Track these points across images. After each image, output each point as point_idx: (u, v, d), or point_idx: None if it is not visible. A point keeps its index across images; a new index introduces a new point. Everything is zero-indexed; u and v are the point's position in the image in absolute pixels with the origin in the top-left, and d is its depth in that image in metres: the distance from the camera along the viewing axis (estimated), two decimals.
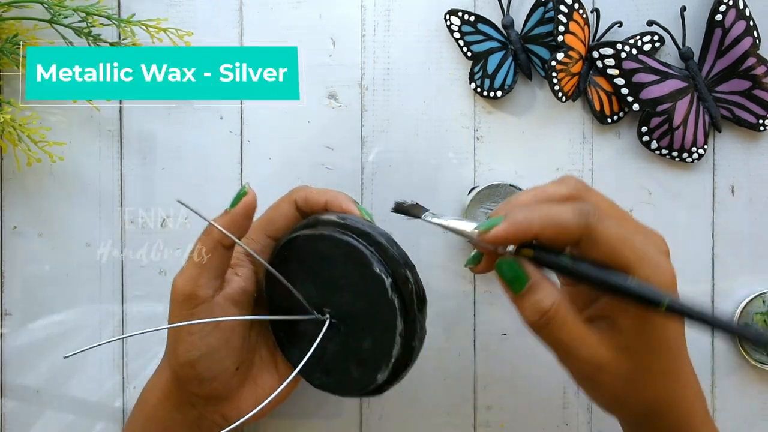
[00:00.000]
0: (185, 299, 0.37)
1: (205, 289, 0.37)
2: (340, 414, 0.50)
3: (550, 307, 0.31)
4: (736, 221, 0.50)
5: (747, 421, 0.50)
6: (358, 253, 0.37)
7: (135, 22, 0.47)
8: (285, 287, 0.38)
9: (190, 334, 0.37)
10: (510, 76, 0.49)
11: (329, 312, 0.39)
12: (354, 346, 0.38)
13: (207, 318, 0.37)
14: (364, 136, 0.50)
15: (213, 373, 0.38)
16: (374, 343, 0.37)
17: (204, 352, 0.37)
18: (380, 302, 0.36)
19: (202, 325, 0.37)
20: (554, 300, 0.32)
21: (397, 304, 0.36)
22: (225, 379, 0.39)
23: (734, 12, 0.48)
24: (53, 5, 0.47)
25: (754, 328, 0.31)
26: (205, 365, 0.37)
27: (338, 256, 0.37)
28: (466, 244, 0.50)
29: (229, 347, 0.38)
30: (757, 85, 0.48)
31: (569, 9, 0.47)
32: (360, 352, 0.38)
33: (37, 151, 0.48)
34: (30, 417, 0.50)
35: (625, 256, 0.31)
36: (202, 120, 0.50)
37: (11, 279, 0.50)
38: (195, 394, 0.39)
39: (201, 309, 0.37)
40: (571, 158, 0.50)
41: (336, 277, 0.38)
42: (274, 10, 0.50)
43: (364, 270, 0.37)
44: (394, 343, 0.37)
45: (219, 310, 0.37)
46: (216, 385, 0.38)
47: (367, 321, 0.38)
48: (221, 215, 0.37)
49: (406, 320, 0.37)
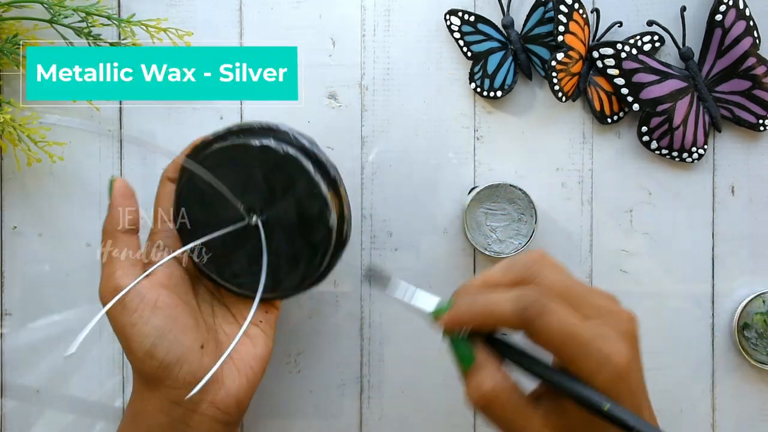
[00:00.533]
0: (112, 295, 0.37)
1: (125, 278, 0.38)
2: (340, 414, 0.50)
3: (490, 391, 0.32)
4: (736, 221, 0.50)
5: (747, 421, 0.50)
6: (272, 151, 0.39)
7: (135, 22, 0.47)
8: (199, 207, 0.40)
9: (133, 325, 0.37)
10: (510, 76, 0.49)
11: (258, 216, 0.40)
12: (290, 242, 0.40)
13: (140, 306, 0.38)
14: (364, 136, 0.50)
15: (174, 355, 0.37)
16: (306, 240, 0.40)
17: (155, 336, 0.37)
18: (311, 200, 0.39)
19: (139, 312, 0.37)
20: (495, 384, 0.32)
21: (328, 199, 0.39)
22: (194, 360, 0.38)
23: (734, 12, 0.48)
24: (53, 5, 0.47)
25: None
26: (163, 349, 0.37)
27: (251, 159, 0.39)
28: (466, 247, 0.50)
29: (180, 325, 0.38)
30: (757, 85, 0.48)
31: (569, 9, 0.47)
32: (296, 247, 0.40)
33: (37, 151, 0.48)
34: (30, 417, 0.50)
35: (566, 351, 0.31)
36: (202, 120, 0.50)
37: (11, 279, 0.50)
38: (171, 387, 0.38)
39: (130, 298, 0.38)
40: (571, 158, 0.50)
41: (254, 182, 0.40)
42: (274, 10, 0.50)
43: (283, 164, 0.39)
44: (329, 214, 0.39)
45: (148, 293, 0.38)
46: (187, 368, 0.38)
47: (295, 214, 0.40)
48: (108, 213, 0.40)
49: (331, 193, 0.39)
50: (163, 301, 0.38)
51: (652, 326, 0.50)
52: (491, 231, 0.48)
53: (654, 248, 0.50)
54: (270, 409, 0.50)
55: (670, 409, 0.50)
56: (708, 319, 0.50)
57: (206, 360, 0.39)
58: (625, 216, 0.50)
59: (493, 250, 0.47)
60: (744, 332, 0.48)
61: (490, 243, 0.48)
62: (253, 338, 0.42)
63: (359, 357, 0.50)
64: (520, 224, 0.48)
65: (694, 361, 0.50)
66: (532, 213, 0.47)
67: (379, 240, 0.50)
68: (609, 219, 0.50)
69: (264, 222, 0.40)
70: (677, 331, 0.50)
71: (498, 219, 0.48)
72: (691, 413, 0.50)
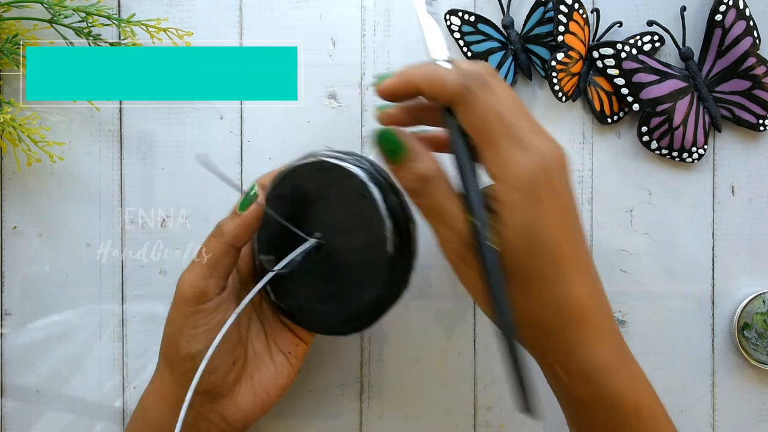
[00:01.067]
0: (195, 296, 0.37)
1: (214, 288, 0.38)
2: (340, 414, 0.50)
3: (426, 172, 0.32)
4: (736, 221, 0.50)
5: (747, 421, 0.50)
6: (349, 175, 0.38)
7: (135, 22, 0.47)
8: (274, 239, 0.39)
9: (194, 327, 0.37)
10: (510, 76, 0.49)
11: (318, 238, 0.39)
12: (345, 271, 0.39)
13: (211, 316, 0.37)
14: (364, 136, 0.50)
15: (211, 365, 0.38)
16: (365, 265, 0.39)
17: (205, 345, 0.37)
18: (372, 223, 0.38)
19: (207, 320, 0.37)
20: (431, 167, 0.32)
21: (387, 222, 0.38)
22: (222, 373, 0.39)
23: (734, 12, 0.48)
24: (53, 5, 0.47)
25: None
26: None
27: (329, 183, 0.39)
28: None
29: (229, 341, 0.39)
30: (757, 85, 0.48)
31: (569, 9, 0.47)
32: (351, 277, 0.39)
33: (37, 151, 0.48)
34: (30, 417, 0.50)
35: (492, 128, 0.30)
36: (202, 120, 0.50)
37: (11, 279, 0.50)
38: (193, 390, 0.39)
39: (208, 306, 0.37)
40: (571, 158, 0.50)
41: (327, 206, 0.39)
42: (274, 10, 0.50)
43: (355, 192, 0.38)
44: (384, 262, 0.38)
45: (223, 306, 0.38)
46: (214, 378, 0.38)
47: (358, 253, 0.39)
48: (231, 217, 0.38)
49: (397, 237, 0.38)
50: (224, 320, 0.38)
51: (652, 326, 0.50)
52: None
53: (654, 248, 0.50)
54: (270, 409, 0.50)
55: (670, 409, 0.50)
56: (708, 319, 0.50)
57: (232, 376, 0.39)
58: (625, 216, 0.50)
59: None
60: (744, 332, 0.49)
61: None
62: (279, 367, 0.42)
63: (359, 357, 0.50)
64: None
65: (694, 361, 0.50)
66: None
67: None
68: (609, 219, 0.50)
69: (321, 245, 0.39)
70: (677, 331, 0.50)
71: None
72: (691, 413, 0.50)
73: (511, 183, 0.30)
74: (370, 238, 0.38)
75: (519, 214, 0.30)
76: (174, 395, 0.39)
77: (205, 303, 0.37)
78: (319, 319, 0.41)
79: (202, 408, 0.40)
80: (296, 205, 0.40)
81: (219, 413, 0.40)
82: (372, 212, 0.38)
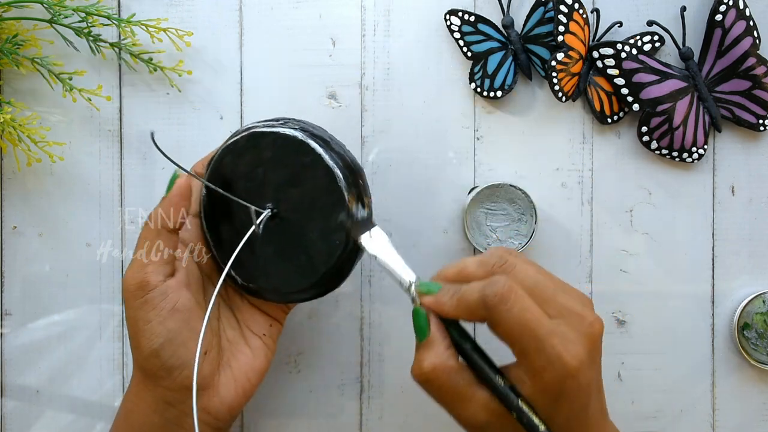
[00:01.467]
0: (137, 287, 0.37)
1: (155, 276, 0.37)
2: (340, 414, 0.50)
3: (429, 371, 0.33)
4: (736, 221, 0.50)
5: (747, 421, 0.50)
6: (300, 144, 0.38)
7: (135, 22, 0.47)
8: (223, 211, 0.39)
9: (147, 322, 0.37)
10: (510, 76, 0.49)
11: (270, 206, 0.39)
12: (293, 247, 0.39)
13: (160, 306, 0.37)
14: (364, 136, 0.50)
15: (179, 359, 0.37)
16: (321, 233, 0.38)
17: (165, 338, 0.37)
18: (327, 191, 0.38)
19: (158, 310, 0.37)
20: (436, 364, 0.34)
21: (344, 190, 0.38)
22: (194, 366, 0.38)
23: (734, 12, 0.48)
24: (53, 5, 0.47)
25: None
26: (170, 351, 0.37)
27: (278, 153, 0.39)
28: (466, 247, 0.50)
29: (191, 330, 0.38)
30: (757, 85, 0.48)
31: (569, 9, 0.47)
32: (305, 245, 0.39)
33: (37, 151, 0.48)
34: (30, 417, 0.50)
35: (521, 343, 0.32)
36: (202, 120, 0.50)
37: (11, 279, 0.50)
38: (168, 388, 0.38)
39: (153, 295, 0.37)
40: (571, 158, 0.50)
41: (273, 175, 0.39)
42: (274, 10, 0.50)
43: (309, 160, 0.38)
44: (343, 229, 0.38)
45: (172, 293, 0.38)
46: (187, 373, 0.38)
47: (313, 227, 0.38)
48: (160, 202, 0.38)
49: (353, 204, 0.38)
50: (182, 304, 0.38)
51: (652, 326, 0.50)
52: (491, 231, 0.48)
53: (654, 248, 0.50)
54: (270, 409, 0.50)
55: (670, 409, 0.50)
56: (708, 319, 0.50)
57: (207, 367, 0.39)
58: (625, 216, 0.50)
59: None
60: (744, 332, 0.49)
61: (490, 243, 0.48)
62: (255, 350, 0.41)
63: (359, 357, 0.50)
64: (520, 224, 0.48)
65: (694, 361, 0.50)
66: (532, 213, 0.47)
67: None
68: (609, 219, 0.50)
69: (275, 215, 0.39)
70: (677, 331, 0.50)
71: (498, 219, 0.48)
72: (691, 413, 0.50)
73: (539, 389, 0.32)
74: (322, 195, 0.38)
75: (575, 401, 0.33)
76: (150, 398, 0.39)
77: (150, 292, 0.37)
78: (285, 288, 0.40)
79: (184, 405, 0.39)
80: (239, 181, 0.39)
81: (202, 407, 0.39)
82: (319, 167, 0.38)
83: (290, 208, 0.39)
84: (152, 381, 0.38)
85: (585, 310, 0.33)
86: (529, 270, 0.34)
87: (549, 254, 0.50)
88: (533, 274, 0.34)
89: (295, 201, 0.39)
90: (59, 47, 0.48)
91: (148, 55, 0.48)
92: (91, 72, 0.49)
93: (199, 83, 0.50)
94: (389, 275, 0.37)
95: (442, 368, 0.33)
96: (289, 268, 0.39)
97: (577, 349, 0.32)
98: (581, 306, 0.33)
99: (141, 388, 0.39)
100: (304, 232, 0.39)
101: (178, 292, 0.38)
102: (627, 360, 0.50)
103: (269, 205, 0.39)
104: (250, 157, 0.39)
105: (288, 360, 0.50)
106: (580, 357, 0.32)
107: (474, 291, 0.33)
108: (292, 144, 0.39)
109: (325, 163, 0.38)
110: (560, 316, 0.33)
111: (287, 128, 0.39)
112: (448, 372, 0.33)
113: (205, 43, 0.50)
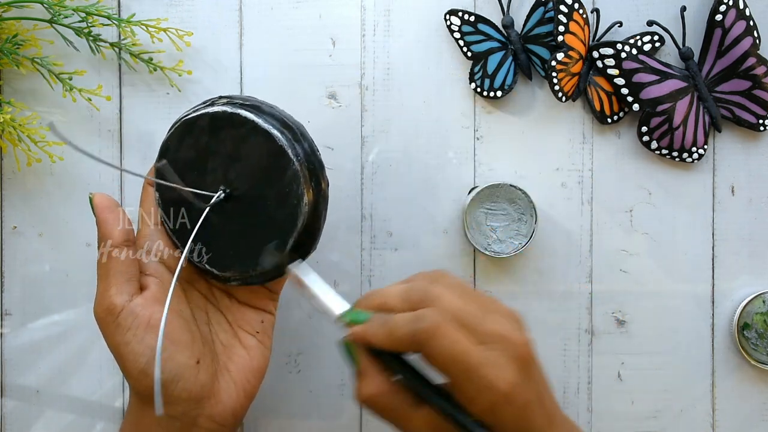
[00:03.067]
0: (106, 313, 0.37)
1: (119, 297, 0.37)
2: (340, 414, 0.50)
3: (369, 397, 0.35)
4: (736, 221, 0.50)
5: (747, 421, 0.50)
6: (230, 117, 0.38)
7: (135, 22, 0.47)
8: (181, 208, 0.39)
9: (126, 344, 0.36)
10: (510, 76, 0.49)
11: (223, 189, 0.39)
12: (257, 222, 0.39)
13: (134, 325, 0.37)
14: (364, 136, 0.50)
15: (170, 373, 0.37)
16: (278, 196, 0.38)
17: (149, 355, 0.36)
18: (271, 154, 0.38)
19: (133, 330, 0.37)
20: (374, 390, 0.35)
21: (300, 171, 0.38)
22: (189, 377, 0.37)
23: (734, 12, 0.48)
24: (53, 5, 0.47)
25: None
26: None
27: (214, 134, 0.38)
28: (466, 247, 0.50)
29: (174, 341, 0.37)
30: (757, 85, 0.48)
31: (569, 9, 0.47)
32: (269, 215, 0.38)
33: (37, 151, 0.48)
34: (30, 417, 0.50)
35: (453, 374, 0.33)
36: None
37: (11, 279, 0.50)
38: (167, 403, 0.37)
39: (123, 316, 0.37)
40: (571, 158, 0.50)
41: (221, 157, 0.39)
42: (274, 10, 0.50)
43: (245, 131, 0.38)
44: (299, 211, 0.38)
45: (142, 310, 0.37)
46: (183, 385, 0.37)
47: (269, 194, 0.38)
48: (98, 228, 0.38)
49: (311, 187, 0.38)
50: (156, 318, 0.37)
51: (652, 326, 0.50)
52: (491, 231, 0.48)
53: (654, 248, 0.50)
54: (270, 409, 0.50)
55: (670, 409, 0.50)
56: (708, 319, 0.50)
57: (202, 376, 0.38)
58: (625, 216, 0.50)
59: (493, 250, 0.47)
60: (744, 332, 0.49)
61: (490, 243, 0.48)
62: (250, 350, 0.41)
63: None
64: (520, 224, 0.48)
65: (694, 361, 0.50)
66: (532, 213, 0.47)
67: (379, 240, 0.50)
68: (609, 219, 0.50)
69: (229, 195, 0.39)
70: (677, 331, 0.50)
71: (498, 219, 0.48)
72: (691, 413, 0.50)
73: (478, 412, 0.33)
74: (268, 160, 0.38)
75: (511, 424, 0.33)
76: (150, 416, 0.38)
77: (119, 315, 0.36)
78: (266, 264, 0.39)
79: (187, 417, 0.38)
80: (188, 173, 0.39)
81: (207, 416, 0.39)
82: (257, 134, 0.38)
83: (244, 185, 0.39)
84: (150, 400, 0.37)
85: (513, 333, 0.34)
86: (453, 300, 0.34)
87: (549, 254, 0.50)
88: (458, 304, 0.34)
89: (246, 176, 0.38)
90: (59, 47, 0.48)
91: (148, 55, 0.48)
92: (91, 72, 0.49)
93: (199, 83, 0.50)
94: (316, 305, 0.38)
95: (378, 394, 0.35)
96: (262, 242, 0.39)
97: (507, 374, 0.33)
98: (510, 328, 0.34)
99: (142, 407, 0.39)
100: (264, 202, 0.38)
101: (150, 307, 0.37)
102: (627, 360, 0.50)
103: (222, 188, 0.39)
104: (188, 146, 0.39)
105: (288, 360, 0.50)
106: (511, 380, 0.32)
107: (402, 326, 0.34)
108: (224, 120, 0.38)
109: (261, 127, 0.38)
110: (489, 341, 0.33)
111: (215, 107, 0.39)
112: (385, 396, 0.35)
113: (205, 43, 0.50)
